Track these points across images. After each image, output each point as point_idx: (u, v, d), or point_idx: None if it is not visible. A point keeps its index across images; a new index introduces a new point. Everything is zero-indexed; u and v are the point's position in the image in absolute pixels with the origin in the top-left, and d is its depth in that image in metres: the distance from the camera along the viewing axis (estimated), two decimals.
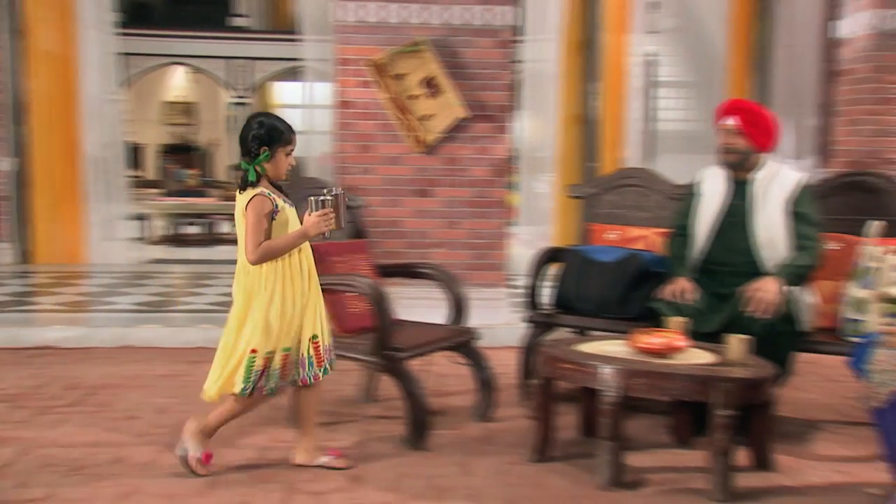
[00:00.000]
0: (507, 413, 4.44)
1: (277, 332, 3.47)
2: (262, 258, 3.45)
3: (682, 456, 3.87)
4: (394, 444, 3.95)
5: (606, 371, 3.43)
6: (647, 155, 9.11)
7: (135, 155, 15.61)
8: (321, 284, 4.09)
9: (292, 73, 16.86)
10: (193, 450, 3.57)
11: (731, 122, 4.15)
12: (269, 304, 3.46)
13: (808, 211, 4.13)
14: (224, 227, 12.71)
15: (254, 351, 3.46)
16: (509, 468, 3.69)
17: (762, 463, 3.70)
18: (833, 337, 4.17)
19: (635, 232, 4.83)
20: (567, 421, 4.03)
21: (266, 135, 3.47)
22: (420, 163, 5.95)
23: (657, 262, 4.48)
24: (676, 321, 3.77)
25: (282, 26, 17.88)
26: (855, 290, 4.05)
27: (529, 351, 4.62)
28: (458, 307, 4.45)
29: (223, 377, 3.53)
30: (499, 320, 5.91)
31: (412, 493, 3.42)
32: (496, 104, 5.94)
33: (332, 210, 3.49)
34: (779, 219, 4.12)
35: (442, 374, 5.11)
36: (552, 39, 8.83)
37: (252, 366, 3.47)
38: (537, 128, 9.56)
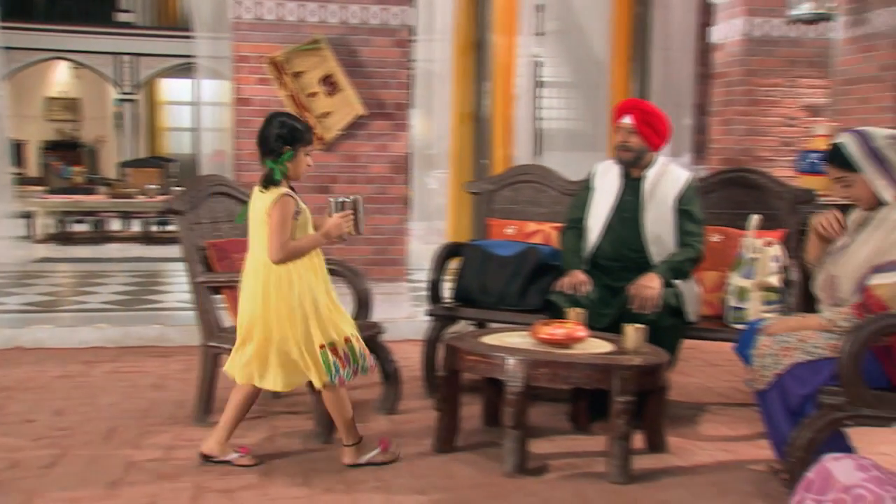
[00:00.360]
0: (411, 405, 4.44)
1: (326, 322, 3.46)
2: (286, 258, 3.42)
3: (581, 441, 3.95)
4: (302, 440, 3.90)
5: (512, 362, 3.47)
6: (534, 152, 9.24)
7: (17, 152, 14.91)
8: (226, 282, 4.03)
9: (181, 70, 16.49)
10: (372, 455, 3.58)
11: (627, 120, 4.24)
12: (304, 302, 3.44)
13: (693, 209, 4.26)
14: (114, 225, 12.30)
15: (322, 346, 3.45)
16: (416, 459, 3.69)
17: (656, 445, 3.81)
18: (717, 324, 4.33)
19: (532, 226, 4.90)
20: (470, 411, 4.06)
21: (289, 134, 3.43)
22: (319, 160, 5.87)
23: (554, 255, 4.56)
24: (575, 312, 3.84)
25: (167, 22, 17.42)
26: (737, 280, 4.21)
27: (432, 344, 4.63)
28: (363, 302, 4.42)
29: (296, 374, 3.50)
30: (400, 314, 5.90)
31: (323, 487, 3.38)
32: (394, 102, 5.93)
33: (352, 212, 3.49)
34: (667, 216, 4.24)
35: None
36: (444, 40, 8.85)
37: (328, 359, 3.45)
38: (430, 126, 9.58)
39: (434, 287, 4.70)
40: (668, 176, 4.30)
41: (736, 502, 3.28)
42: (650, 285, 3.99)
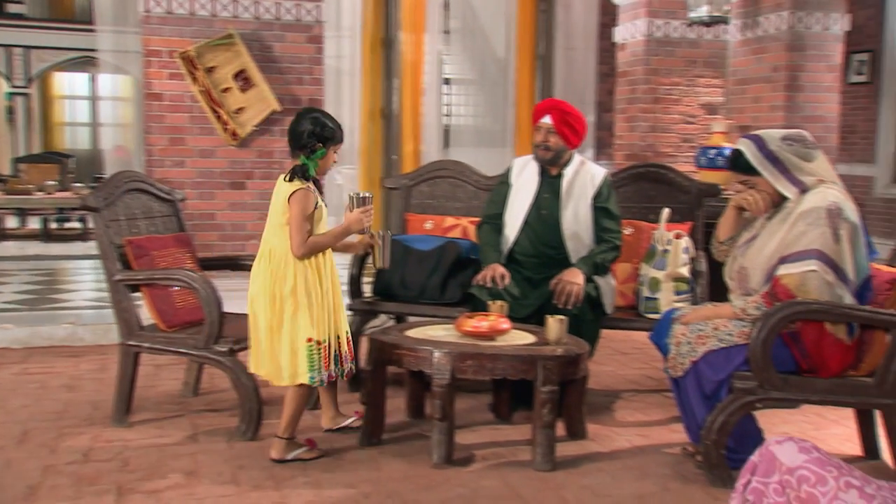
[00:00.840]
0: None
1: (320, 322, 3.45)
2: (308, 253, 3.43)
3: (504, 431, 3.98)
4: (226, 437, 3.82)
5: (438, 355, 3.47)
6: (442, 148, 9.26)
7: None
8: (145, 280, 3.91)
9: (77, 64, 15.86)
10: (299, 452, 3.53)
11: (546, 121, 4.28)
12: (300, 296, 3.43)
13: (610, 206, 4.34)
14: (10, 223, 11.75)
15: (309, 340, 3.42)
16: (344, 453, 3.66)
17: (576, 432, 3.87)
18: (631, 314, 4.43)
19: (450, 221, 4.91)
20: (392, 405, 4.04)
21: (322, 132, 3.46)
22: (234, 156, 5.76)
23: (473, 249, 4.58)
24: (497, 305, 3.86)
25: (61, 15, 16.73)
26: (649, 271, 4.31)
27: (353, 338, 4.58)
28: None
29: (289, 366, 3.47)
30: None
31: (251, 484, 3.32)
32: (309, 98, 5.84)
33: (371, 207, 3.53)
34: (585, 213, 4.30)
35: None
36: (352, 37, 8.79)
37: (313, 354, 3.43)
38: (342, 122, 9.48)
39: (354, 282, 4.67)
40: (585, 174, 4.36)
41: (655, 484, 3.36)
42: (573, 280, 4.05)
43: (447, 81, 9.66)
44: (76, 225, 10.96)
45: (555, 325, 3.63)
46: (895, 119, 9.97)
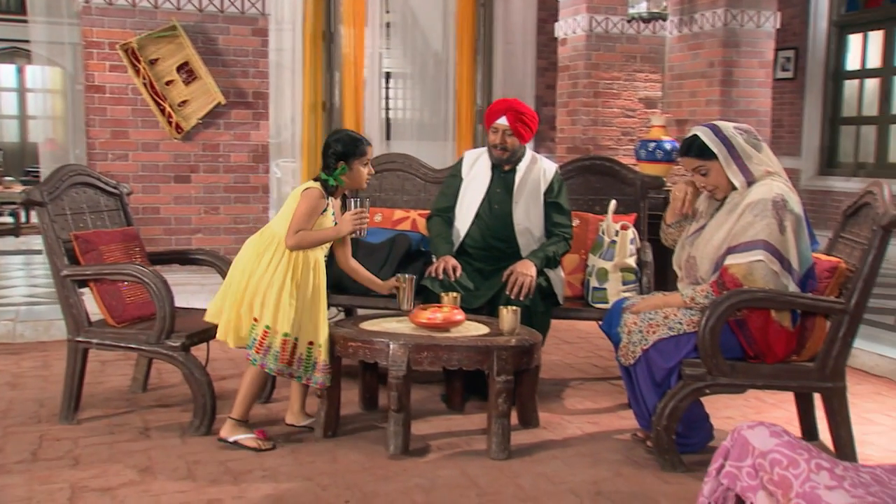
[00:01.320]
0: (284, 393, 4.33)
1: (283, 314, 3.49)
2: (297, 244, 3.55)
3: (457, 421, 3.99)
4: (179, 433, 3.75)
5: (394, 347, 3.46)
6: (383, 141, 9.22)
7: None
8: (94, 275, 3.81)
9: (5, 55, 15.35)
10: (243, 437, 3.56)
11: (503, 122, 4.27)
12: (275, 281, 3.51)
13: (561, 200, 4.37)
14: None
15: (255, 320, 3.52)
16: (300, 446, 3.62)
17: (528, 421, 3.89)
18: (579, 304, 4.47)
19: (399, 214, 4.89)
20: (345, 397, 4.01)
21: (342, 150, 3.63)
22: (178, 149, 5.65)
23: (423, 241, 4.57)
24: (451, 296, 3.86)
25: None
26: (597, 262, 4.36)
27: None
28: None
29: (234, 328, 3.59)
30: None
31: (208, 479, 3.26)
32: (254, 91, 5.75)
33: (365, 211, 3.61)
34: (536, 208, 4.32)
35: (211, 358, 4.88)
36: (294, 30, 8.67)
37: (252, 333, 3.52)
38: (278, 115, 9.36)
39: None
40: (537, 169, 4.38)
41: (608, 470, 3.40)
42: (526, 272, 4.06)
43: (388, 75, 9.62)
44: (8, 220, 10.64)
45: (509, 315, 3.65)
46: (819, 113, 10.26)
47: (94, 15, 5.47)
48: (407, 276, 3.89)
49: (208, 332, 3.90)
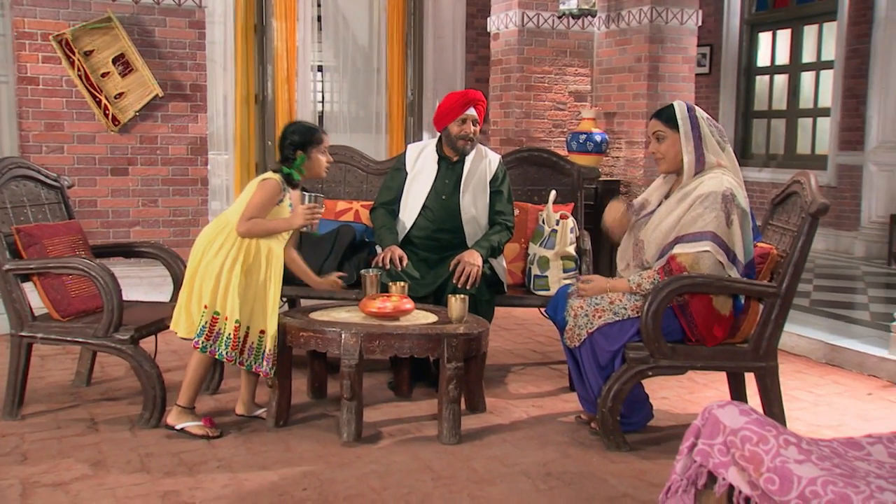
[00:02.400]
0: (231, 384, 4.27)
1: (231, 300, 3.43)
2: (248, 232, 3.49)
3: (406, 407, 3.98)
4: (128, 425, 3.65)
5: (346, 336, 3.44)
6: None
7: None
8: (39, 269, 3.68)
9: None
10: (190, 425, 3.51)
11: (473, 112, 4.26)
12: (225, 267, 3.46)
13: (504, 189, 4.39)
14: None
15: (206, 307, 3.45)
16: (252, 436, 3.58)
17: (476, 406, 3.91)
18: (520, 292, 4.51)
19: (342, 205, 4.84)
20: (293, 385, 3.96)
21: (299, 140, 3.60)
22: (115, 141, 5.48)
23: (367, 232, 4.54)
24: (399, 286, 3.85)
25: None
26: (538, 251, 4.40)
27: None
28: (181, 284, 4.18)
29: (185, 316, 3.54)
30: None
31: (163, 471, 3.19)
32: (192, 83, 5.62)
33: (318, 206, 3.54)
34: (482, 197, 4.34)
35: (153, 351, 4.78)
36: (225, 23, 8.51)
37: (202, 320, 3.46)
38: (209, 107, 9.17)
39: None
40: (483, 160, 4.40)
41: (556, 451, 3.45)
42: (473, 262, 4.08)
43: (320, 68, 9.53)
44: None
45: (457, 304, 3.65)
46: (732, 107, 10.55)
47: (25, 5, 5.26)
48: (373, 271, 3.87)
49: (156, 325, 3.81)
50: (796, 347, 5.06)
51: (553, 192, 4.45)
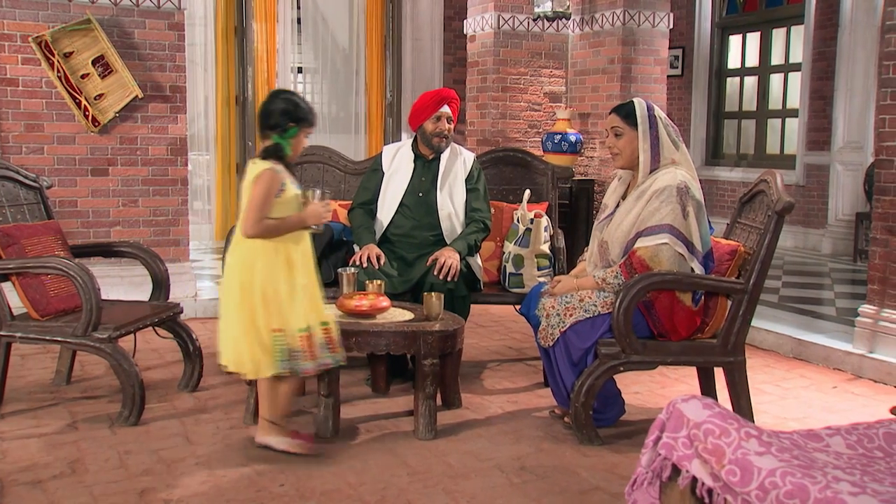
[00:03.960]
0: (211, 381, 4.25)
1: (288, 310, 3.12)
2: (260, 234, 3.10)
3: (382, 404, 3.97)
4: (107, 424, 3.62)
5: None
6: None
7: None
8: (17, 269, 3.64)
9: None
10: (279, 442, 3.25)
11: (447, 109, 4.26)
12: (271, 281, 3.12)
13: (480, 186, 4.39)
14: None
15: (275, 330, 3.10)
16: (230, 433, 3.55)
17: (451, 402, 3.91)
18: (495, 289, 4.50)
19: None
20: None
21: (294, 111, 3.17)
22: (95, 142, 5.42)
23: (345, 231, 4.53)
24: (376, 284, 3.83)
25: None
26: (513, 249, 4.40)
27: None
28: (160, 283, 4.16)
29: (254, 358, 3.12)
30: (185, 294, 5.61)
31: (142, 469, 3.16)
32: (171, 85, 5.57)
33: (330, 203, 3.23)
34: (459, 195, 4.33)
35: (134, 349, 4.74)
36: (206, 25, 8.47)
37: (279, 344, 3.11)
38: (190, 108, 9.12)
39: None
40: (458, 158, 4.40)
41: (530, 446, 3.45)
42: (452, 256, 4.08)
43: (300, 70, 9.49)
44: None
45: (433, 301, 3.64)
46: (704, 108, 10.61)
47: (4, 7, 5.19)
48: (350, 269, 3.80)
49: (135, 324, 3.78)
50: (765, 342, 5.10)
51: (527, 192, 4.45)
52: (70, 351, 4.11)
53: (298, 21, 9.30)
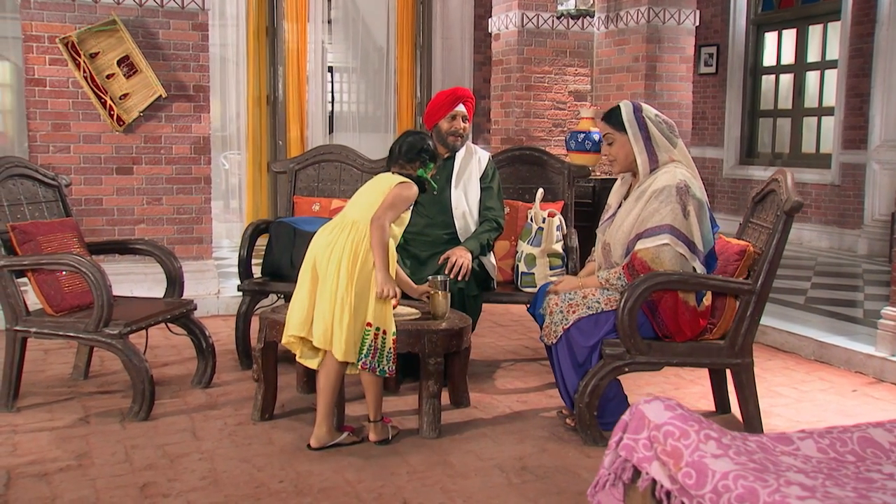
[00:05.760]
0: (224, 378, 4.29)
1: (389, 313, 3.27)
2: (379, 231, 3.22)
3: (391, 402, 3.94)
4: (118, 419, 3.66)
5: None
6: (326, 133, 9.14)
7: None
8: (31, 265, 3.70)
9: None
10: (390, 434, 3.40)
11: (463, 108, 4.27)
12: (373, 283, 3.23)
13: (495, 186, 4.38)
14: None
15: (369, 325, 3.23)
16: (237, 429, 3.57)
17: (460, 401, 3.89)
18: (509, 289, 4.47)
19: (336, 203, 4.83)
20: (282, 381, 3.96)
21: (432, 153, 3.46)
22: (120, 141, 5.50)
23: None
24: None
25: None
26: (526, 248, 4.37)
27: (244, 318, 4.48)
28: (174, 281, 4.20)
29: (346, 341, 3.20)
30: (207, 291, 5.67)
31: (145, 463, 3.19)
32: (195, 84, 5.63)
33: (396, 296, 3.29)
34: (473, 193, 4.33)
35: (153, 345, 4.80)
36: (237, 25, 8.54)
37: (366, 338, 3.23)
38: (224, 108, 9.22)
39: (244, 263, 4.54)
40: (473, 157, 4.39)
41: (533, 446, 3.42)
42: (464, 255, 4.07)
43: (330, 69, 9.53)
44: None
45: (439, 299, 3.63)
46: (739, 107, 10.43)
47: (33, 9, 5.29)
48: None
49: (147, 320, 3.82)
50: (786, 344, 4.99)
51: (540, 191, 4.41)
52: (87, 346, 4.17)
53: (330, 21, 9.35)
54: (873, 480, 1.47)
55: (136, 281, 5.38)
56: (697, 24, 6.77)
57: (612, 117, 3.50)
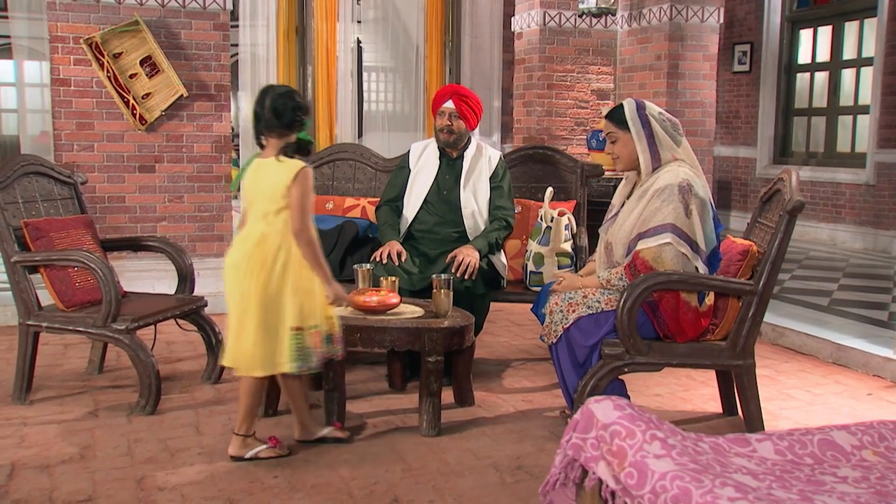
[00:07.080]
0: (234, 374, 4.28)
1: (312, 309, 3.09)
2: (309, 246, 3.08)
3: (396, 400, 3.96)
4: (126, 412, 3.72)
5: None
6: (356, 133, 9.18)
7: None
8: (42, 261, 3.77)
9: (5, 51, 15.18)
10: (256, 451, 3.19)
11: (449, 104, 4.26)
12: (300, 279, 3.08)
13: (505, 185, 4.36)
14: None
15: (293, 328, 3.05)
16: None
17: (464, 400, 3.87)
18: (519, 288, 4.44)
19: (350, 201, 4.85)
20: None
21: (304, 105, 3.11)
22: (142, 140, 5.58)
23: (371, 227, 4.54)
24: (389, 280, 3.82)
25: None
26: (534, 247, 4.34)
27: None
28: (185, 277, 4.25)
29: (267, 356, 3.07)
30: None
31: (146, 457, 3.23)
32: (216, 84, 5.69)
33: (345, 301, 3.24)
34: (483, 192, 4.31)
35: (171, 341, 4.87)
36: (267, 25, 8.61)
37: (297, 342, 3.06)
38: None
39: None
40: (483, 156, 4.38)
41: (532, 446, 3.39)
42: (471, 254, 4.06)
43: (360, 68, 9.57)
44: None
45: (442, 298, 3.61)
46: (773, 105, 10.24)
47: (58, 10, 5.39)
48: (365, 266, 3.75)
49: (156, 316, 3.87)
50: (804, 346, 4.88)
51: (549, 190, 4.37)
52: (101, 341, 4.24)
53: (360, 21, 9.38)
54: (823, 483, 1.43)
55: (158, 277, 5.44)
56: (722, 21, 6.65)
57: (615, 115, 3.46)
